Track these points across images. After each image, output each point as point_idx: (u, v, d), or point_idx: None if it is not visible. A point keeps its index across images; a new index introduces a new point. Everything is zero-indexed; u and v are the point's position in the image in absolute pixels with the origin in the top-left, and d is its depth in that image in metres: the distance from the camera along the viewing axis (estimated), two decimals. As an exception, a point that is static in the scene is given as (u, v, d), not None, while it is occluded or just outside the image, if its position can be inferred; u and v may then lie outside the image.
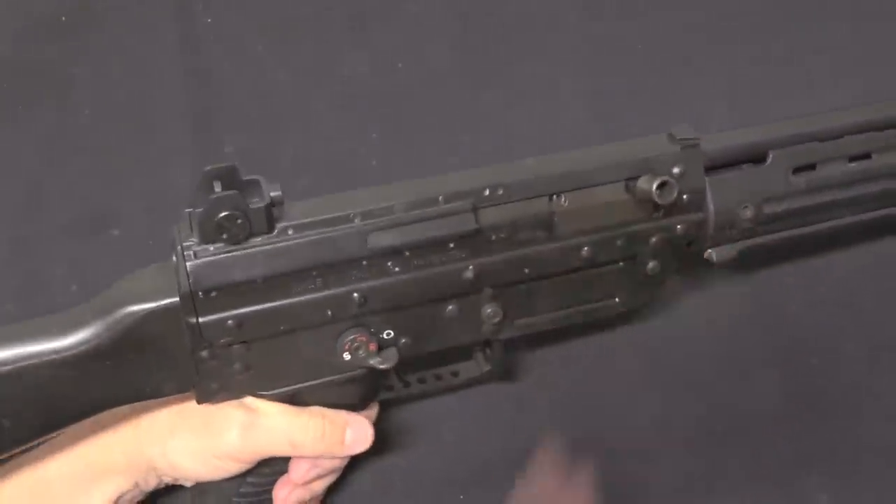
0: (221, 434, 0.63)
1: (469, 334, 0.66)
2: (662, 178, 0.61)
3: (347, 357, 0.63)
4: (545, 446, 0.77)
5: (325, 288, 0.60)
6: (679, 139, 0.64)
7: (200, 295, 0.57)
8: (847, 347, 0.81)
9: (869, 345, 0.81)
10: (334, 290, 0.60)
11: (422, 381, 0.71)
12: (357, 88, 0.91)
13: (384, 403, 0.72)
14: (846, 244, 0.83)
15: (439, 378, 0.72)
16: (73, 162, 0.87)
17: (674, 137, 0.64)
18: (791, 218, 0.68)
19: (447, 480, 0.76)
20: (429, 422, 0.78)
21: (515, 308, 0.65)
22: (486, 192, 0.61)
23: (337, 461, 0.68)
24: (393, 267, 0.61)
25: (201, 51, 0.92)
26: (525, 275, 0.64)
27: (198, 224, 0.56)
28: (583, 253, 0.64)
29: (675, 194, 0.61)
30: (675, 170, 0.63)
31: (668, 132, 0.65)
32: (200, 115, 0.89)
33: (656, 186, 0.61)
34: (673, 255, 0.66)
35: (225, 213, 0.55)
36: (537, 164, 0.63)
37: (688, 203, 0.64)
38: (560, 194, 0.62)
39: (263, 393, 0.63)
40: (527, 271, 0.63)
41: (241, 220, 0.56)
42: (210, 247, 0.57)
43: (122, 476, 0.65)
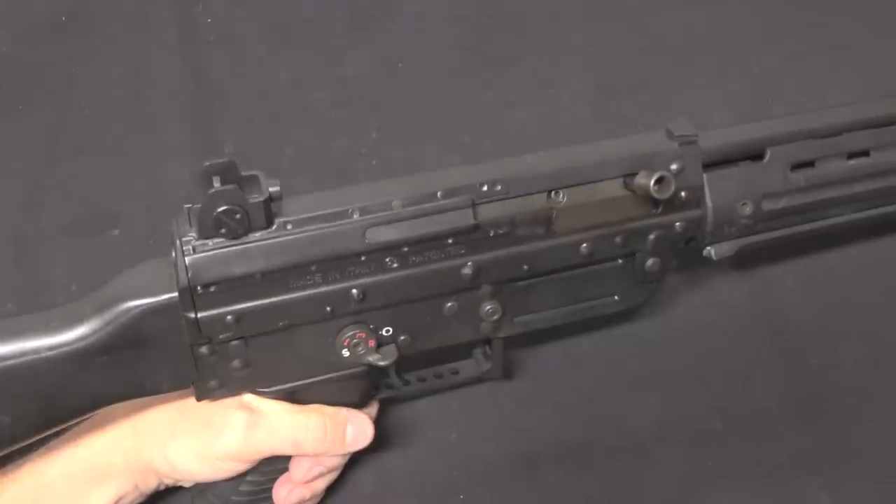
0: (223, 434, 0.63)
1: (468, 331, 0.66)
2: (660, 174, 0.60)
3: (346, 354, 0.63)
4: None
5: (324, 283, 0.60)
6: (677, 136, 0.64)
7: (199, 290, 0.57)
8: (847, 348, 0.81)
9: (869, 345, 0.81)
10: (333, 286, 0.60)
11: (422, 380, 0.71)
12: (357, 88, 0.91)
13: (384, 402, 0.72)
14: (845, 241, 0.83)
15: (439, 376, 0.72)
16: (73, 162, 0.87)
17: (672, 134, 0.64)
18: (790, 215, 0.68)
19: (447, 480, 0.76)
20: (429, 421, 0.78)
21: (514, 305, 0.65)
22: (485, 188, 0.61)
23: (337, 459, 0.68)
24: (391, 263, 0.60)
25: (201, 51, 0.93)
26: (524, 271, 0.63)
27: (196, 219, 0.56)
28: (581, 250, 0.64)
29: (673, 189, 0.61)
30: (674, 166, 0.63)
31: (666, 128, 0.64)
32: (200, 115, 0.89)
33: (654, 181, 0.60)
34: (672, 252, 0.66)
35: (223, 208, 0.55)
36: (536, 161, 0.63)
37: (686, 200, 0.64)
38: (558, 190, 0.62)
39: (263, 390, 0.63)
40: (525, 268, 0.63)
41: (240, 215, 0.56)
42: (209, 242, 0.57)
43: (122, 478, 0.65)
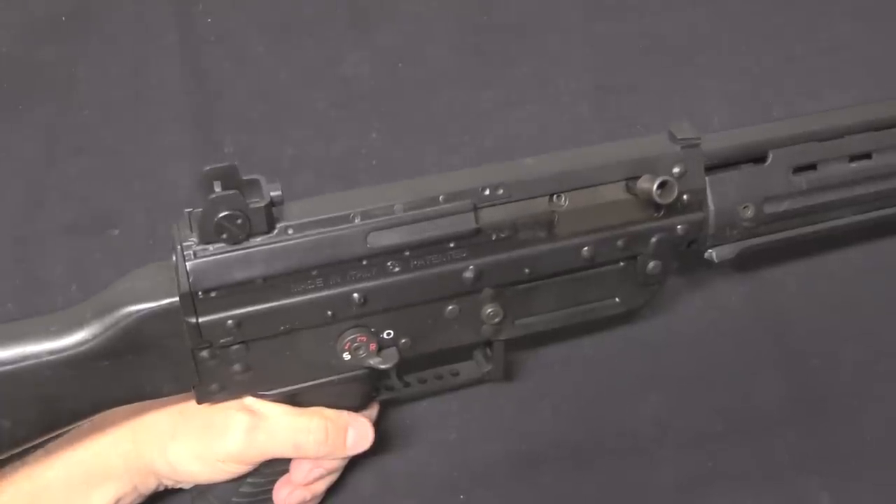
0: (224, 437, 0.63)
1: (469, 334, 0.66)
2: (663, 178, 0.61)
3: (347, 357, 0.63)
4: None
5: (326, 288, 0.60)
6: (680, 139, 0.63)
7: (200, 295, 0.57)
8: (847, 349, 0.81)
9: (869, 346, 0.81)
10: (334, 290, 0.60)
11: (422, 381, 0.71)
12: (357, 88, 0.91)
13: (385, 403, 0.72)
14: (846, 243, 0.83)
15: (440, 378, 0.72)
16: (73, 162, 0.87)
17: (674, 137, 0.64)
18: (791, 218, 0.68)
19: (447, 481, 0.76)
20: (429, 422, 0.78)
21: (516, 308, 0.65)
22: (487, 192, 0.61)
23: (338, 462, 0.68)
24: (393, 267, 0.60)
25: (201, 51, 0.92)
26: (525, 275, 0.63)
27: (197, 224, 0.56)
28: (583, 253, 0.64)
29: (676, 194, 0.61)
30: (676, 169, 0.63)
31: (669, 131, 0.64)
32: (200, 115, 0.89)
33: (657, 186, 0.60)
34: (673, 255, 0.66)
35: (225, 213, 0.55)
36: (538, 164, 0.63)
37: (688, 203, 0.64)
38: (560, 194, 0.62)
39: (264, 393, 0.63)
40: (527, 271, 0.63)
41: (241, 220, 0.56)
42: (210, 247, 0.57)
43: (121, 480, 0.65)
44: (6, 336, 0.57)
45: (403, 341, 0.64)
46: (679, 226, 0.65)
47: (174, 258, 0.57)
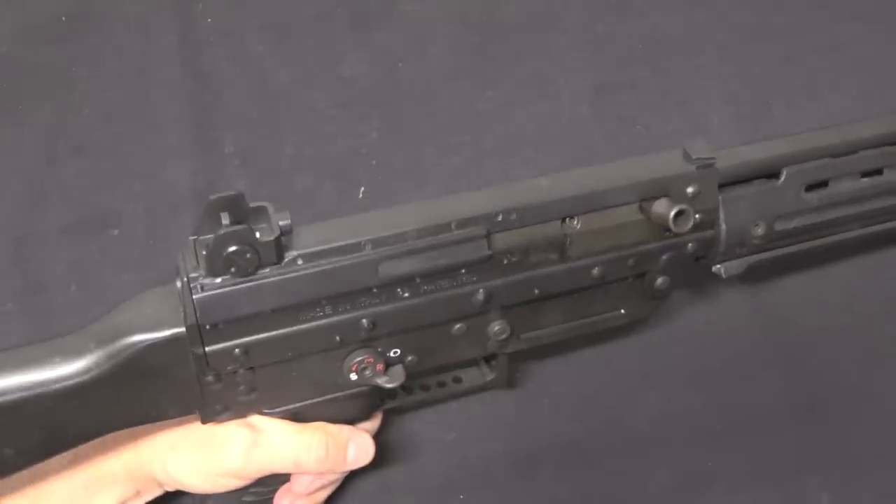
0: (224, 452, 0.62)
1: (475, 349, 0.65)
2: (680, 207, 0.60)
3: (354, 377, 0.62)
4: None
5: (334, 314, 0.59)
6: (695, 158, 0.62)
7: (207, 327, 0.57)
8: (847, 349, 0.81)
9: (869, 346, 0.81)
10: (343, 317, 0.59)
11: (425, 389, 0.71)
12: (357, 88, 0.91)
13: (387, 412, 0.72)
14: (851, 254, 0.83)
15: (442, 385, 0.71)
16: (73, 162, 0.87)
17: (689, 156, 0.63)
18: (801, 234, 0.67)
19: (447, 481, 0.76)
20: (429, 422, 0.78)
21: (522, 324, 0.65)
22: (500, 218, 0.60)
23: (339, 473, 0.68)
24: (403, 292, 0.60)
25: (201, 51, 0.92)
26: (535, 295, 0.63)
27: (205, 258, 0.55)
28: (593, 273, 0.63)
29: (692, 223, 0.61)
30: (690, 189, 0.62)
31: (683, 149, 0.63)
32: (200, 115, 0.89)
33: (674, 215, 0.60)
34: (682, 271, 0.66)
35: (233, 248, 0.54)
36: (551, 186, 0.62)
37: (700, 221, 0.64)
38: (573, 217, 0.62)
39: (268, 411, 0.63)
40: (537, 292, 0.63)
41: (250, 255, 0.55)
42: (217, 279, 0.56)
43: (123, 485, 0.65)
44: (8, 365, 0.56)
45: (410, 359, 0.64)
46: (690, 243, 0.65)
47: (179, 286, 0.56)
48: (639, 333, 0.81)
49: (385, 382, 0.62)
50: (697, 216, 0.63)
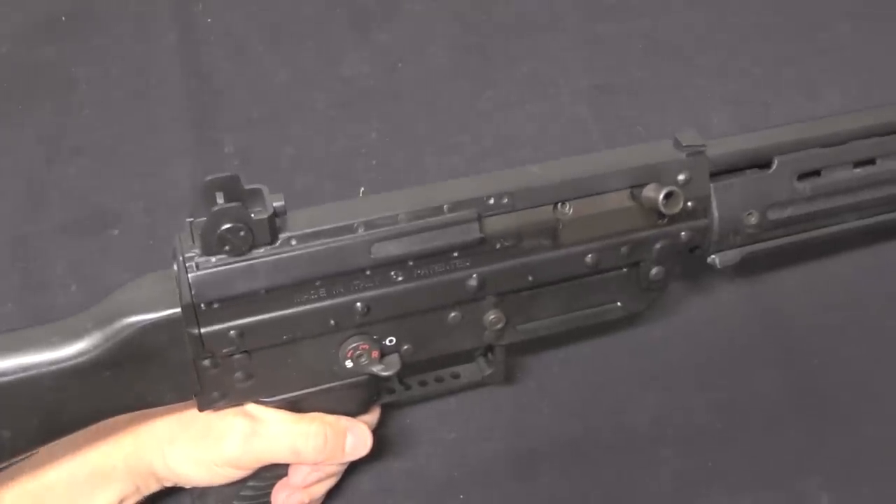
0: (222, 442, 0.62)
1: (471, 340, 0.65)
2: (669, 189, 0.60)
3: (349, 365, 0.62)
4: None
5: (328, 297, 0.59)
6: (685, 146, 0.63)
7: (202, 306, 0.57)
8: (847, 348, 0.81)
9: (869, 345, 0.81)
10: (337, 300, 0.60)
11: (423, 384, 0.71)
12: (357, 88, 0.91)
13: (385, 405, 0.72)
14: (848, 247, 0.83)
15: (440, 381, 0.71)
16: (73, 162, 0.87)
17: (679, 144, 0.63)
18: (795, 223, 0.67)
19: (447, 480, 0.76)
20: (428, 422, 0.78)
21: (518, 313, 0.65)
22: (491, 201, 0.60)
23: (337, 466, 0.68)
24: (396, 276, 0.60)
25: (201, 51, 0.93)
26: (528, 282, 0.63)
27: (200, 236, 0.55)
28: (587, 260, 0.63)
29: (682, 205, 0.61)
30: (681, 177, 0.63)
31: (674, 138, 0.64)
32: (200, 115, 0.89)
33: (663, 196, 0.60)
34: (676, 261, 0.66)
35: (227, 226, 0.55)
36: (542, 172, 0.62)
37: (692, 210, 0.64)
38: (565, 202, 0.62)
39: (265, 399, 0.63)
40: (530, 279, 0.63)
41: (244, 233, 0.55)
42: (212, 258, 0.56)
43: (123, 481, 0.65)
44: (6, 347, 0.56)
45: (405, 348, 0.64)
46: (683, 232, 0.65)
47: (175, 268, 0.57)
48: (638, 332, 0.81)
49: (381, 371, 0.62)
50: (689, 203, 0.63)
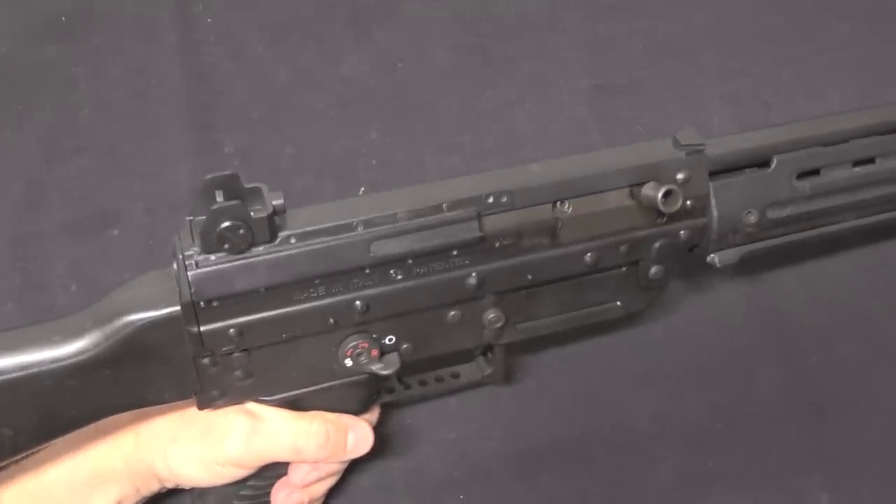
0: (224, 441, 0.62)
1: (471, 339, 0.65)
2: (668, 187, 0.60)
3: (349, 363, 0.62)
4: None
5: (328, 296, 0.59)
6: (684, 145, 0.63)
7: (202, 304, 0.57)
8: (847, 347, 0.81)
9: (869, 344, 0.81)
10: (336, 298, 0.60)
11: (423, 384, 0.71)
12: (357, 88, 0.91)
13: (385, 405, 0.72)
14: (848, 247, 0.83)
15: (440, 380, 0.71)
16: (73, 162, 0.87)
17: (678, 143, 0.63)
18: (794, 223, 0.67)
19: (447, 480, 0.76)
20: (428, 421, 0.78)
21: (517, 313, 0.65)
22: (490, 200, 0.60)
23: (337, 465, 0.68)
24: (396, 274, 0.60)
25: (201, 51, 0.93)
26: (528, 281, 0.63)
27: (199, 234, 0.56)
28: (586, 259, 0.63)
29: (681, 203, 0.61)
30: (680, 175, 0.63)
31: (673, 137, 0.64)
32: (200, 115, 0.89)
33: (662, 195, 0.60)
34: (675, 260, 0.66)
35: (227, 224, 0.55)
36: (541, 170, 0.62)
37: (692, 209, 0.64)
38: (564, 201, 0.62)
39: (265, 398, 0.63)
40: (530, 277, 0.63)
41: (243, 231, 0.55)
42: (211, 256, 0.56)
43: (123, 482, 0.65)
44: (6, 345, 0.56)
45: (405, 347, 0.64)
46: (682, 231, 0.65)
47: (175, 267, 0.57)
48: (638, 331, 0.81)
49: (380, 369, 0.62)
50: (688, 202, 0.63)
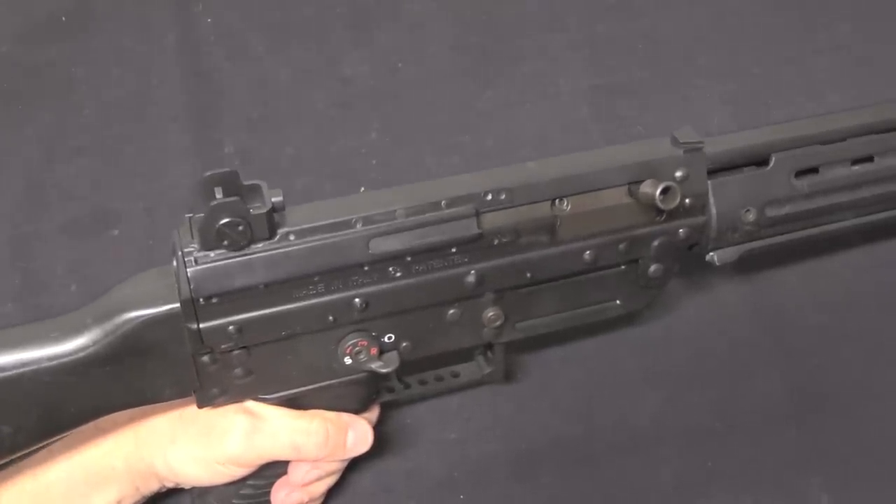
0: (224, 440, 0.62)
1: (470, 337, 0.65)
2: (666, 184, 0.60)
3: (348, 361, 0.62)
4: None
5: (327, 293, 0.60)
6: (682, 143, 0.63)
7: (201, 301, 0.57)
8: (847, 347, 0.81)
9: (869, 345, 0.81)
10: (336, 296, 0.60)
11: (422, 383, 0.71)
12: (357, 88, 0.91)
13: (385, 404, 0.72)
14: (848, 246, 0.83)
15: (440, 379, 0.71)
16: (73, 162, 0.87)
17: (677, 141, 0.63)
18: (793, 221, 0.68)
19: (447, 481, 0.76)
20: (428, 422, 0.78)
21: (516, 311, 0.65)
22: (489, 197, 0.60)
23: (337, 464, 0.68)
24: (395, 272, 0.60)
25: (201, 51, 0.93)
26: (527, 279, 0.63)
27: (198, 231, 0.56)
28: (585, 257, 0.64)
29: (679, 200, 0.61)
30: (678, 173, 0.63)
31: (672, 135, 0.64)
32: (200, 115, 0.89)
33: (660, 192, 0.60)
34: (674, 258, 0.66)
35: (226, 220, 0.55)
36: (539, 168, 0.62)
37: (690, 207, 0.64)
38: (563, 198, 0.62)
39: (265, 397, 0.63)
40: (528, 275, 0.63)
41: (242, 227, 0.55)
42: (211, 253, 0.56)
43: (122, 482, 0.65)
44: (6, 342, 0.56)
45: (404, 345, 0.64)
46: (681, 229, 0.65)
47: (175, 264, 0.57)
48: (638, 330, 0.81)
49: (379, 367, 0.62)
50: (687, 200, 0.64)
